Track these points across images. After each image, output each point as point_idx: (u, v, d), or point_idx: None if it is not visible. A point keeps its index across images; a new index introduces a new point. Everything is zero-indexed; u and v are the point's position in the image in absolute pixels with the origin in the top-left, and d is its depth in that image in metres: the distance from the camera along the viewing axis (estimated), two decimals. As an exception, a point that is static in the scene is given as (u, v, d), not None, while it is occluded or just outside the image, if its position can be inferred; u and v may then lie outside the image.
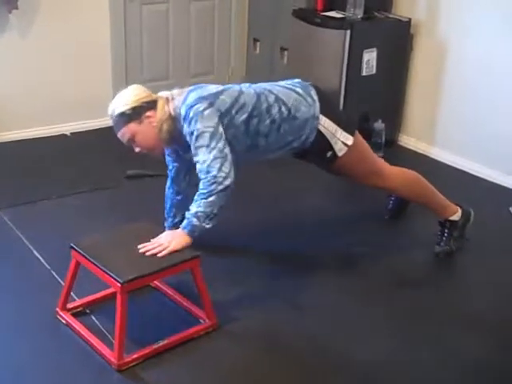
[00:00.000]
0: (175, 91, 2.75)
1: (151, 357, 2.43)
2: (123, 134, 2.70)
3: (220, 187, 2.56)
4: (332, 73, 4.16)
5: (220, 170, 2.56)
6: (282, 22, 4.62)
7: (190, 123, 2.60)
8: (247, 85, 2.84)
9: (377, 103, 4.29)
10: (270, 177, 3.97)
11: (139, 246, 2.49)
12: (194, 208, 2.58)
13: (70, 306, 2.65)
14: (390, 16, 4.30)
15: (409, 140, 4.48)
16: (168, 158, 2.99)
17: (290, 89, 2.83)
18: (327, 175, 3.45)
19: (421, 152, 4.38)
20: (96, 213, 3.45)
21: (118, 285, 2.33)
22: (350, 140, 2.88)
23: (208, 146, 2.57)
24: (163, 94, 2.75)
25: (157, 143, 2.72)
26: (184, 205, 2.85)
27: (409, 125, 4.52)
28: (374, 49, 4.15)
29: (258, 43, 5.00)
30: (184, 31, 4.82)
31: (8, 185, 3.70)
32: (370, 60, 4.16)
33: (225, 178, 2.56)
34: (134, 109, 2.65)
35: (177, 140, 2.73)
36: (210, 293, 2.59)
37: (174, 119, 2.67)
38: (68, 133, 4.49)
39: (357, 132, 2.95)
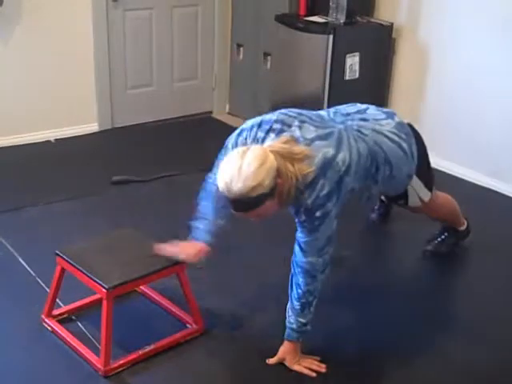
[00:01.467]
0: (289, 148, 2.20)
1: (138, 362, 2.43)
2: (257, 213, 2.17)
3: (317, 294, 2.40)
4: (315, 77, 4.19)
5: (323, 273, 2.36)
6: (265, 27, 4.63)
7: (313, 220, 2.26)
8: (363, 134, 2.43)
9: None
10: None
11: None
12: (303, 319, 2.39)
13: (55, 312, 2.64)
14: (372, 20, 4.34)
15: (392, 143, 4.50)
16: None
17: (398, 144, 2.53)
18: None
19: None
20: (81, 219, 3.44)
21: (104, 290, 2.33)
22: (427, 197, 2.84)
23: (322, 249, 2.31)
24: (275, 146, 2.18)
25: (279, 208, 2.28)
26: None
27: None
28: (357, 53, 4.17)
29: (242, 48, 5.01)
30: (167, 37, 4.82)
31: (-8, 192, 3.69)
32: (352, 64, 4.19)
33: (323, 280, 2.39)
34: (272, 185, 2.12)
35: None
36: (197, 297, 2.60)
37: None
38: (52, 139, 4.48)
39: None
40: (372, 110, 2.60)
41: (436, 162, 4.22)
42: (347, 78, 4.18)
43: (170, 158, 4.27)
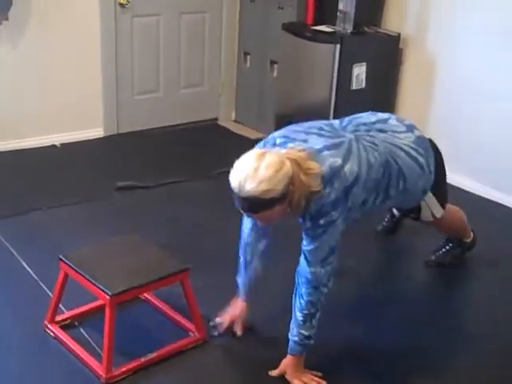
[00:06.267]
0: (305, 158, 2.18)
1: (140, 370, 2.42)
2: (264, 216, 2.19)
3: (323, 299, 2.36)
4: (322, 87, 4.19)
5: (326, 285, 2.33)
6: (272, 35, 4.64)
7: (316, 228, 2.25)
8: (374, 144, 2.38)
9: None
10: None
11: None
12: (306, 331, 2.36)
13: (58, 318, 2.64)
14: (380, 31, 4.34)
15: (398, 153, 4.50)
16: None
17: (415, 158, 2.48)
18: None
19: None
20: (85, 224, 3.44)
21: (107, 297, 2.32)
22: (439, 213, 2.83)
23: (325, 259, 2.29)
24: (293, 154, 2.18)
25: (288, 215, 2.28)
26: (266, 255, 2.61)
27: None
28: (364, 63, 4.18)
29: (249, 56, 5.02)
30: (175, 44, 4.83)
31: (-3, 196, 3.70)
32: (359, 74, 4.19)
33: (326, 294, 2.36)
34: (284, 191, 2.12)
35: None
36: (200, 305, 2.59)
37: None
38: (58, 144, 4.48)
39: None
40: (393, 121, 2.56)
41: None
42: (354, 87, 4.18)
43: (175, 165, 4.27)
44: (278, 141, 2.31)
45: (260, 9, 4.79)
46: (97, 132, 4.67)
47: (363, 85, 4.21)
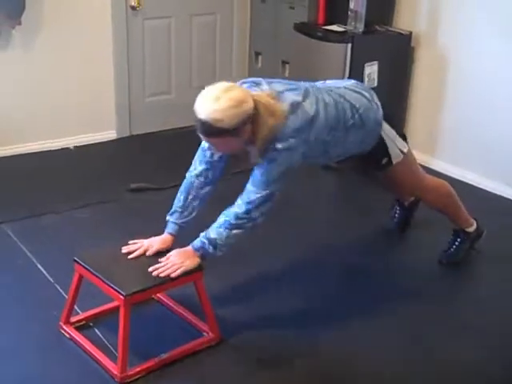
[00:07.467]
0: (273, 103, 2.37)
1: (154, 370, 2.44)
2: (213, 142, 2.38)
3: (249, 224, 2.48)
4: (333, 86, 4.18)
5: (258, 209, 2.45)
6: (283, 35, 4.64)
7: (272, 150, 2.38)
8: (327, 90, 2.62)
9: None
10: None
11: (150, 269, 2.43)
12: (213, 234, 2.48)
13: (73, 319, 2.66)
14: (391, 29, 4.33)
15: (410, 152, 4.48)
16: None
17: (359, 93, 2.69)
18: (331, 184, 3.44)
19: (423, 164, 4.37)
20: (99, 226, 3.46)
21: (122, 298, 2.34)
22: (405, 147, 2.88)
23: (267, 183, 2.42)
24: (262, 97, 2.36)
25: (242, 148, 2.47)
26: (206, 199, 2.68)
27: (411, 137, 4.49)
28: (376, 62, 4.17)
29: (260, 57, 5.03)
30: (186, 45, 4.85)
31: (11, 198, 3.72)
32: (371, 73, 4.18)
33: (258, 218, 2.48)
34: (236, 126, 2.28)
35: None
36: (213, 306, 2.60)
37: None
38: (71, 146, 4.51)
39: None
40: (330, 80, 2.82)
41: (454, 170, 4.23)
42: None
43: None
44: (245, 86, 2.46)
45: (271, 9, 4.80)
46: (110, 134, 4.70)
47: (375, 83, 4.19)
